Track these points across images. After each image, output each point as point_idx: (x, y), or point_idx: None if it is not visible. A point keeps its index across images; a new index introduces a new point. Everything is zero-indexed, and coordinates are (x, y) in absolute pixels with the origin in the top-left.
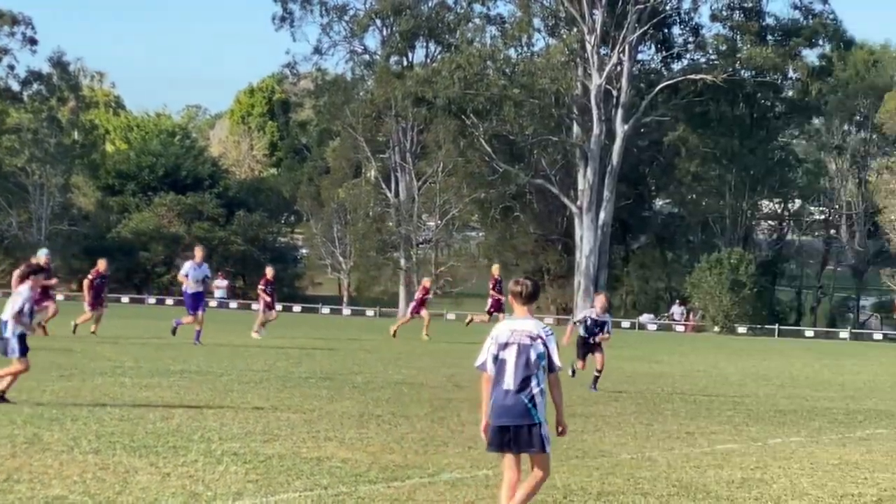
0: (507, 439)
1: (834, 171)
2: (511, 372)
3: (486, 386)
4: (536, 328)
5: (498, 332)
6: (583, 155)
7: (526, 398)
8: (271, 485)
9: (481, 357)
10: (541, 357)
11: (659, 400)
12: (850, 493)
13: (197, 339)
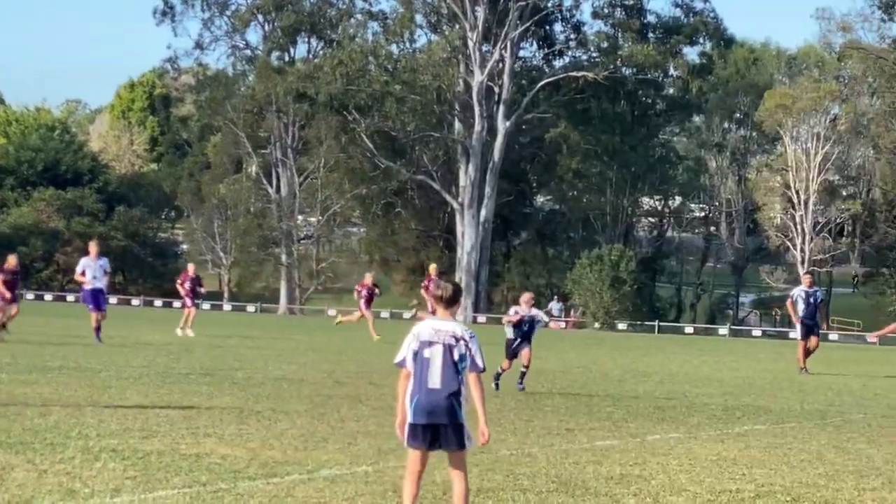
0: (432, 437)
1: (714, 168)
2: (437, 371)
3: (404, 383)
4: (460, 330)
5: (420, 330)
6: (464, 151)
7: (452, 397)
8: (150, 481)
9: (401, 353)
10: (463, 358)
11: (538, 396)
12: (728, 489)
13: (97, 338)
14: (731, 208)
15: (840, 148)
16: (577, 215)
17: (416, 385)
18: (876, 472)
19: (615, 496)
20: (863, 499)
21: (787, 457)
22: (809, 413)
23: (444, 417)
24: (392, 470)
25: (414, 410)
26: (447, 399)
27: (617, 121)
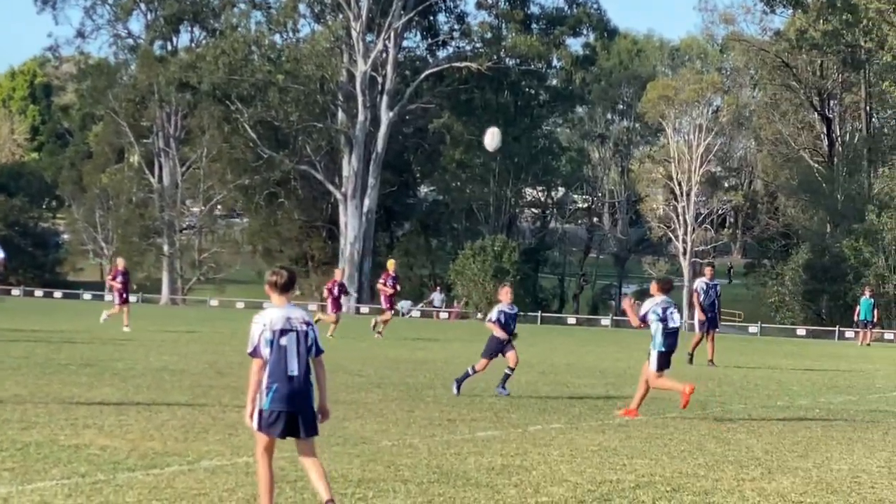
0: (294, 425)
1: (597, 159)
2: (295, 358)
3: (259, 371)
4: (307, 316)
5: (270, 319)
6: (348, 141)
7: (308, 384)
8: (28, 473)
9: (252, 343)
10: (313, 343)
11: (421, 387)
12: (609, 480)
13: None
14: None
15: (722, 139)
16: (460, 206)
17: (274, 373)
18: (755, 462)
19: (496, 487)
20: (742, 488)
21: (668, 447)
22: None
23: (304, 404)
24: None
25: (272, 398)
26: (306, 385)
27: (500, 111)
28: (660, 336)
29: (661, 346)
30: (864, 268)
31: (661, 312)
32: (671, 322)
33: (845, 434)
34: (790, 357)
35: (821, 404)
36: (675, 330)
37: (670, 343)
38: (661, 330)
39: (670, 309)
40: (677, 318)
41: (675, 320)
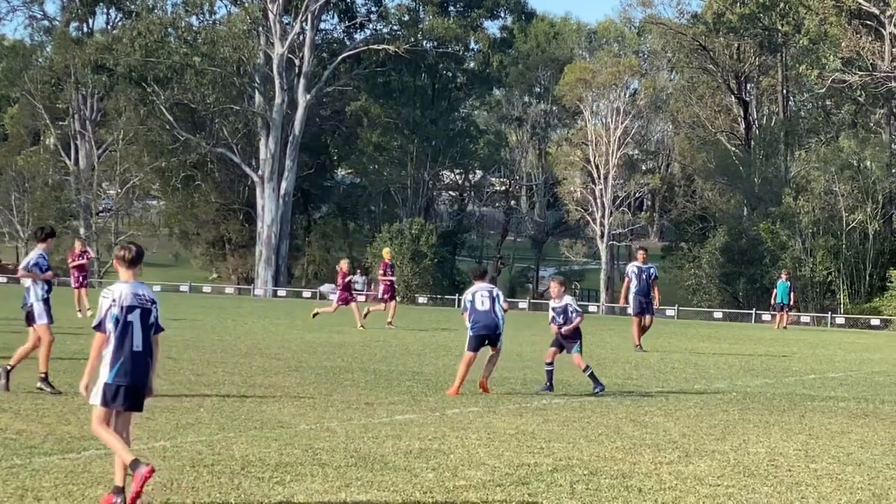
0: (136, 398)
1: (514, 142)
2: (139, 334)
3: (100, 345)
4: (151, 293)
5: (120, 293)
6: (265, 124)
7: (149, 359)
8: None
9: (99, 317)
10: (155, 320)
11: (339, 370)
12: (527, 463)
13: None
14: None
15: (639, 123)
16: (377, 189)
17: (119, 348)
18: (673, 446)
19: (414, 470)
20: (659, 472)
21: (586, 430)
22: (608, 386)
23: (143, 378)
24: (190, 444)
25: (116, 372)
26: (146, 360)
27: (418, 94)
28: (468, 321)
29: (470, 329)
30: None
31: (470, 297)
32: (479, 305)
33: (762, 417)
34: (707, 340)
35: (738, 387)
36: (484, 312)
37: (479, 327)
38: (469, 315)
39: (481, 292)
40: (487, 303)
41: (484, 304)
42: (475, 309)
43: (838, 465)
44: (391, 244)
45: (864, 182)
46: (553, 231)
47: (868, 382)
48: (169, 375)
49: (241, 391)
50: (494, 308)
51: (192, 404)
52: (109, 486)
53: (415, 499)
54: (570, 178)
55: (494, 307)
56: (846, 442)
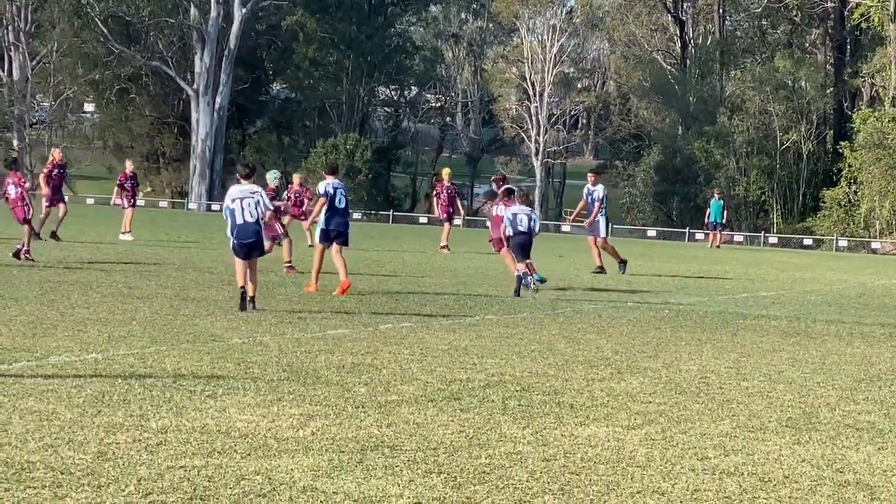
0: None
1: (450, 59)
2: None
3: None
4: None
5: None
6: (200, 38)
7: None
8: None
9: None
10: None
11: (272, 285)
12: (459, 379)
13: None
14: (467, 99)
15: (575, 41)
16: (312, 104)
17: None
18: (605, 363)
19: (347, 385)
20: (591, 388)
21: (518, 347)
22: (541, 304)
23: None
24: (122, 357)
25: None
26: None
27: (354, 9)
28: (322, 215)
29: (321, 223)
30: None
31: (331, 192)
32: (338, 203)
33: (694, 335)
34: (641, 258)
35: (670, 305)
36: (340, 210)
37: (327, 219)
38: (326, 210)
39: (340, 190)
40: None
41: (340, 203)
42: (333, 204)
43: (769, 384)
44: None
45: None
46: (488, 148)
47: (800, 302)
48: (101, 288)
49: (173, 304)
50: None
51: (124, 317)
52: (41, 397)
53: (347, 413)
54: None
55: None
56: (777, 360)
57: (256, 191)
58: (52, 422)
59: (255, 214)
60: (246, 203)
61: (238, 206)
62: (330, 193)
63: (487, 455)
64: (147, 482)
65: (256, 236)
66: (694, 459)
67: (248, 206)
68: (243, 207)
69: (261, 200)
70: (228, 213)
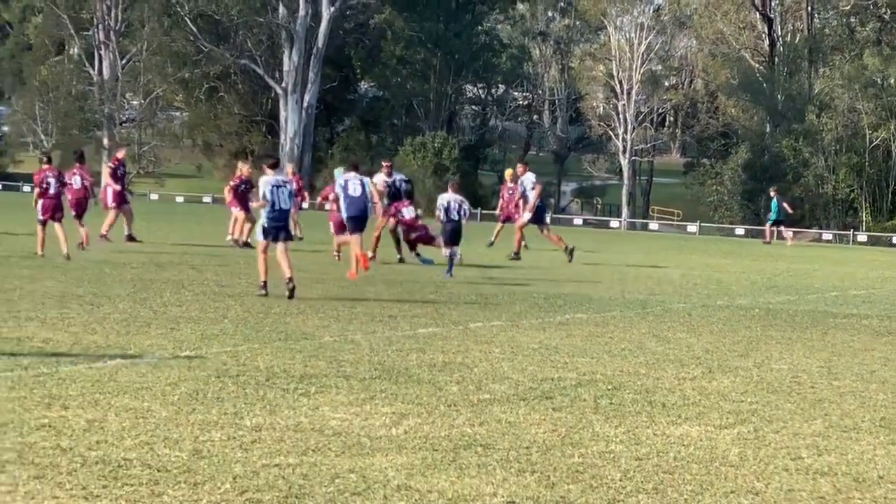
0: None
1: (538, 57)
2: None
3: None
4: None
5: None
6: (288, 36)
7: None
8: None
9: None
10: None
11: (362, 283)
12: (550, 377)
13: None
14: (555, 97)
15: (663, 38)
16: (400, 102)
17: None
18: (696, 361)
19: (438, 383)
20: (682, 387)
21: (609, 345)
22: (630, 302)
23: None
24: (215, 355)
25: None
26: None
27: (441, 7)
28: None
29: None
30: (803, 168)
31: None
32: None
33: (785, 334)
34: (729, 256)
35: (760, 304)
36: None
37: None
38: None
39: (282, 188)
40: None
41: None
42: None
43: (861, 383)
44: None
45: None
46: (575, 146)
47: (890, 300)
48: (193, 286)
49: (265, 303)
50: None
51: (216, 315)
52: (136, 394)
53: (440, 411)
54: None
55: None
56: (869, 359)
57: (288, 180)
58: (147, 419)
59: (289, 203)
60: (281, 192)
61: (275, 193)
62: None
63: (580, 454)
64: (242, 480)
65: (286, 221)
66: (787, 459)
67: (282, 195)
68: (278, 196)
69: (293, 190)
70: (269, 195)
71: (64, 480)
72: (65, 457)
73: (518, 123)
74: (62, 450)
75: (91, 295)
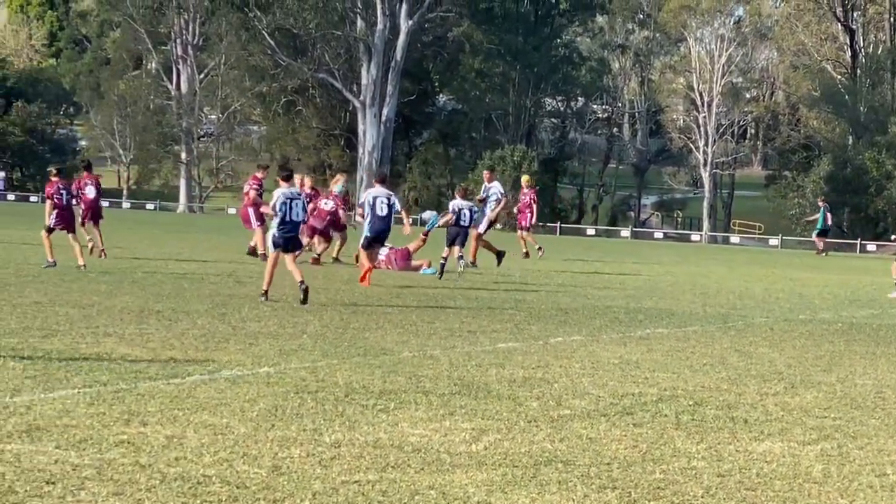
0: None
1: (617, 69)
2: None
3: None
4: None
5: None
6: (366, 50)
7: None
8: (49, 381)
9: None
10: None
11: (441, 297)
12: (631, 393)
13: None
14: (634, 110)
15: (744, 50)
16: (479, 115)
17: None
18: (778, 377)
19: (518, 399)
20: (765, 403)
21: (690, 360)
22: (712, 317)
23: None
24: (294, 371)
25: None
26: None
27: (520, 20)
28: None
29: (368, 230)
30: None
31: (371, 202)
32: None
33: (868, 349)
34: (811, 270)
35: (843, 318)
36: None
37: (376, 229)
38: None
39: (381, 199)
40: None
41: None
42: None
43: None
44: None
45: None
46: (655, 159)
47: None
48: (271, 301)
49: (343, 317)
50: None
51: (294, 331)
52: (214, 411)
53: (519, 427)
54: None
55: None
56: None
57: (301, 193)
58: (226, 436)
59: (301, 215)
60: (294, 204)
61: (288, 206)
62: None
63: (661, 470)
64: (322, 497)
65: (297, 232)
66: (872, 476)
67: (296, 207)
68: (291, 207)
69: (305, 203)
70: (280, 207)
71: (143, 497)
72: (144, 473)
73: (598, 136)
74: (141, 466)
75: (170, 310)
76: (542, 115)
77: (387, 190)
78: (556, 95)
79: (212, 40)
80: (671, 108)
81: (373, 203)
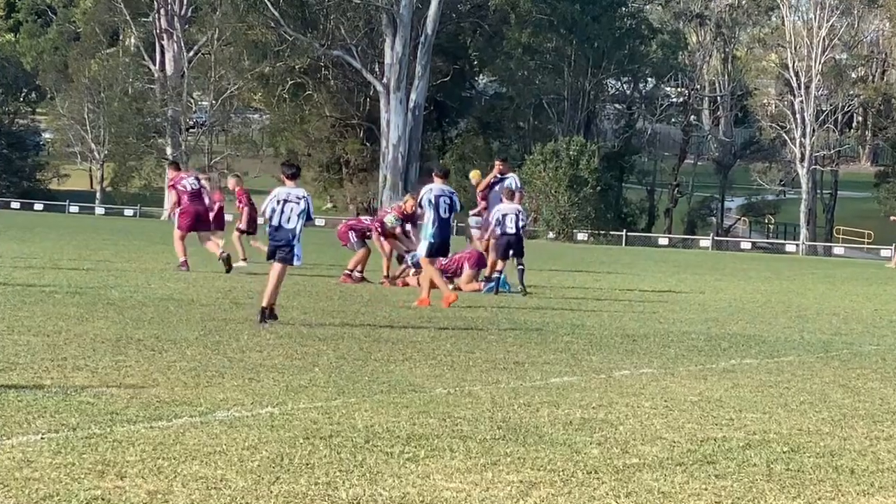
0: None
1: (695, 44)
2: None
3: None
4: None
5: None
6: (391, 22)
7: None
8: (7, 425)
9: None
10: None
11: (482, 322)
12: (713, 437)
13: None
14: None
15: (849, 20)
16: (527, 100)
17: None
18: (892, 417)
19: (575, 445)
20: (876, 448)
21: (784, 398)
22: (811, 344)
23: None
24: (303, 412)
25: None
26: None
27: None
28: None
29: (431, 236)
30: None
31: (433, 200)
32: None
33: None
34: None
35: None
36: (446, 220)
37: (443, 235)
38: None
39: (444, 198)
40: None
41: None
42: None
43: None
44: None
45: None
46: (742, 153)
47: None
48: (275, 327)
49: (363, 347)
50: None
51: (304, 363)
52: (207, 460)
53: (577, 479)
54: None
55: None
56: None
57: (304, 196)
58: (221, 491)
59: (296, 222)
60: (289, 207)
61: (280, 208)
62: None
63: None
64: None
65: (288, 241)
66: None
67: (287, 211)
68: (283, 211)
69: (308, 209)
70: (270, 212)
71: None
72: None
73: (672, 126)
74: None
75: (152, 339)
76: (603, 99)
77: (449, 187)
78: (621, 76)
79: (203, 10)
80: (761, 92)
81: (436, 202)
